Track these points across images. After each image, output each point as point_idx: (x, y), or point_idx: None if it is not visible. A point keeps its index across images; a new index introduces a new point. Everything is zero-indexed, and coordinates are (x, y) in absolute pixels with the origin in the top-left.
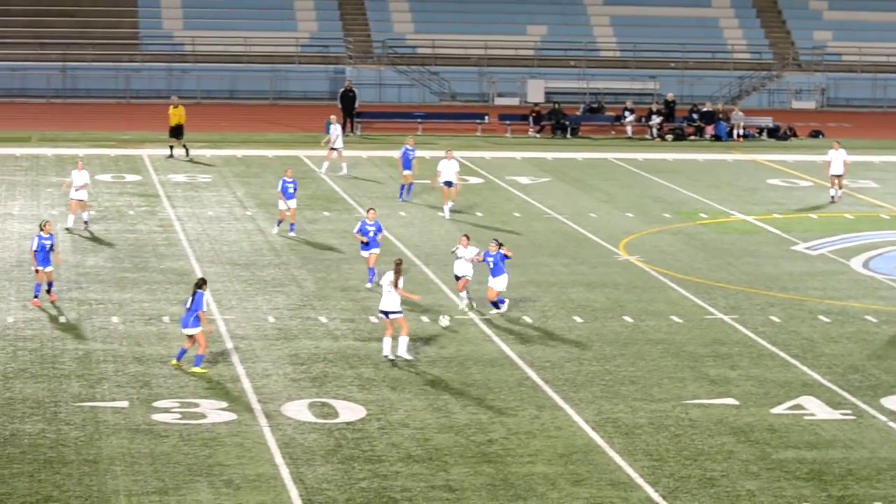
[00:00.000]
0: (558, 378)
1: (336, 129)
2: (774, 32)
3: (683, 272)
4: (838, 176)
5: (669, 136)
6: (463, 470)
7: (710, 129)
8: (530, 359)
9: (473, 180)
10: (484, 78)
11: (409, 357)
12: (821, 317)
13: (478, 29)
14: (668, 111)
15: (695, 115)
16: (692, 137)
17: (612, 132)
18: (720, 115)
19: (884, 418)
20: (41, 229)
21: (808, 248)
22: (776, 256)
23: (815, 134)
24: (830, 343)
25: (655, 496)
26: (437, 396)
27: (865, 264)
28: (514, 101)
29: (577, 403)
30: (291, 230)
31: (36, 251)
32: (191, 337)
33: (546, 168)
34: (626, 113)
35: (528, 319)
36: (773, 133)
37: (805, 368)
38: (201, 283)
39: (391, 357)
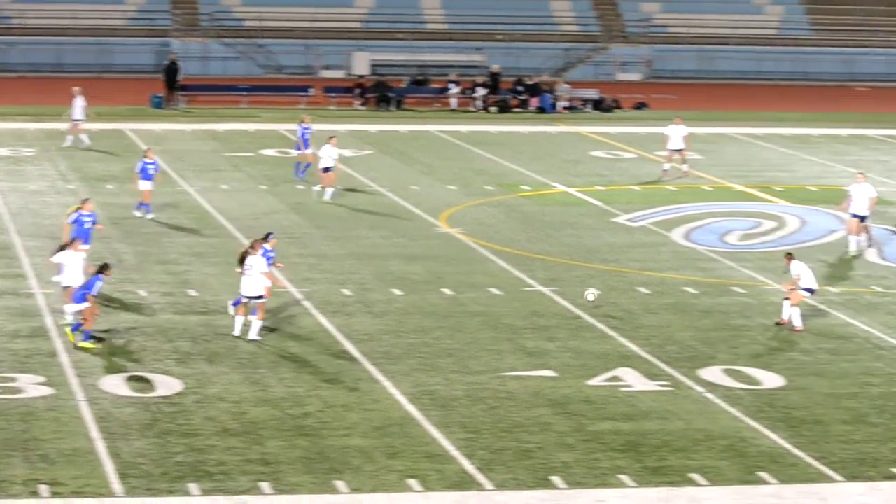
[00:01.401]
0: (375, 351)
1: (80, 102)
2: (601, 4)
3: (504, 244)
4: (678, 150)
5: (494, 109)
6: (279, 443)
7: (534, 102)
8: (348, 332)
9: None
10: (310, 51)
11: (258, 338)
12: (640, 288)
13: (305, 1)
14: (493, 83)
15: (520, 88)
16: (516, 110)
17: (437, 104)
18: (545, 88)
19: (700, 389)
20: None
21: (629, 220)
22: (597, 228)
23: (640, 106)
24: (649, 315)
25: (471, 468)
26: (253, 370)
27: (686, 236)
28: (340, 74)
29: (394, 376)
30: (148, 211)
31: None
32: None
33: (369, 140)
34: (451, 85)
35: (346, 292)
36: (598, 105)
37: (623, 340)
38: (103, 269)
39: (239, 335)
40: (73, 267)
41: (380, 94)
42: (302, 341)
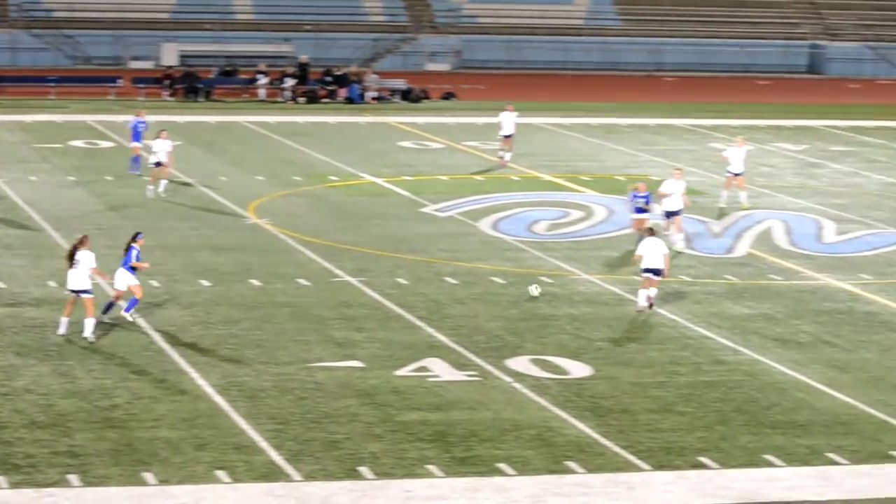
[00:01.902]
0: (184, 342)
1: None
2: None
3: (312, 235)
4: (509, 136)
5: (302, 99)
6: (87, 435)
7: (342, 92)
8: (156, 323)
9: (104, 144)
10: (119, 42)
11: (93, 339)
12: (448, 278)
13: None
14: (302, 74)
15: (328, 78)
16: (325, 100)
17: (246, 95)
18: (353, 78)
19: (508, 379)
20: None
21: (437, 210)
22: (405, 218)
23: (448, 96)
24: (457, 304)
25: (279, 460)
26: (61, 362)
27: (494, 226)
28: (149, 65)
29: (203, 367)
30: None
31: None
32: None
33: (178, 131)
34: (260, 76)
35: (154, 284)
36: (406, 95)
37: (431, 330)
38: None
39: (64, 334)
40: None
41: (188, 84)
42: (110, 333)
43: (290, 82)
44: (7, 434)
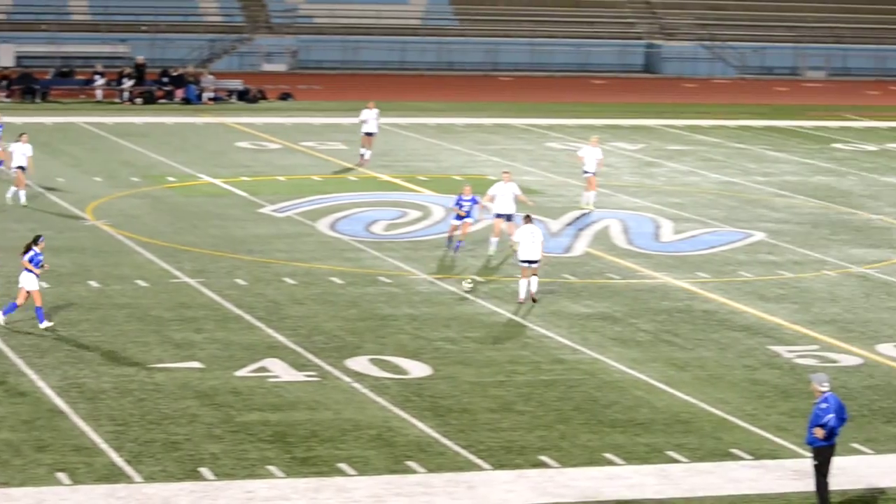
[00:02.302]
0: (22, 344)
1: None
2: None
3: (150, 236)
4: (370, 134)
5: (139, 100)
6: None
7: (180, 93)
8: None
9: None
10: None
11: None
12: (286, 279)
13: None
14: (139, 75)
15: (165, 79)
16: (162, 101)
17: (83, 96)
18: (190, 79)
19: (348, 379)
20: None
21: (275, 211)
22: (243, 219)
23: (285, 96)
24: (295, 305)
25: (119, 461)
26: None
27: (332, 226)
28: None
29: (42, 369)
30: None
31: None
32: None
33: (15, 132)
34: (97, 77)
35: None
36: (243, 96)
37: (270, 331)
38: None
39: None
40: None
41: (25, 86)
42: None
43: (127, 83)
44: None
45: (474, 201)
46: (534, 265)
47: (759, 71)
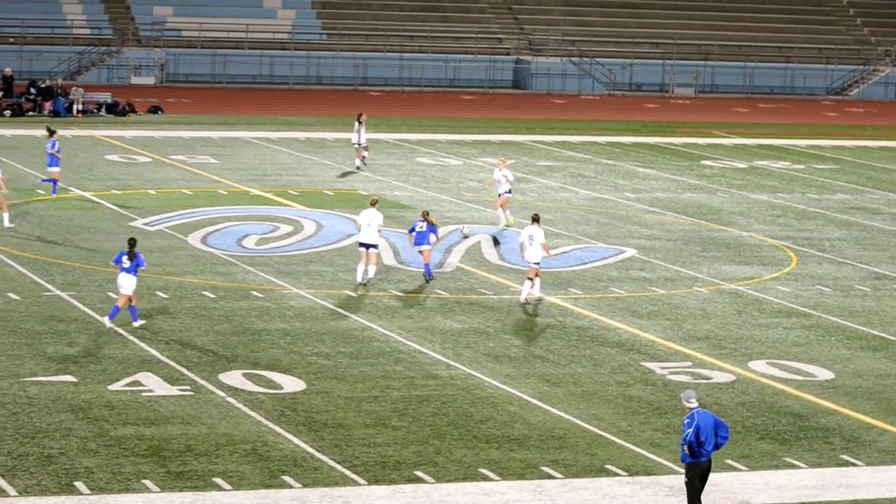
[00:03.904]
0: None
1: None
2: (114, 8)
3: (20, 249)
4: (362, 146)
5: (8, 112)
6: None
7: (48, 105)
8: None
9: None
10: None
11: None
12: (159, 293)
13: None
14: (7, 87)
15: (33, 91)
16: (30, 113)
17: None
18: (59, 91)
19: (222, 394)
20: None
21: (146, 224)
22: (114, 232)
23: (154, 110)
24: (169, 319)
25: None
26: None
27: (203, 240)
28: None
29: None
30: None
31: None
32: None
33: None
34: None
35: None
36: (112, 109)
37: (143, 345)
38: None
39: None
40: None
41: None
42: None
43: None
44: None
45: (432, 230)
46: (535, 266)
47: (628, 87)
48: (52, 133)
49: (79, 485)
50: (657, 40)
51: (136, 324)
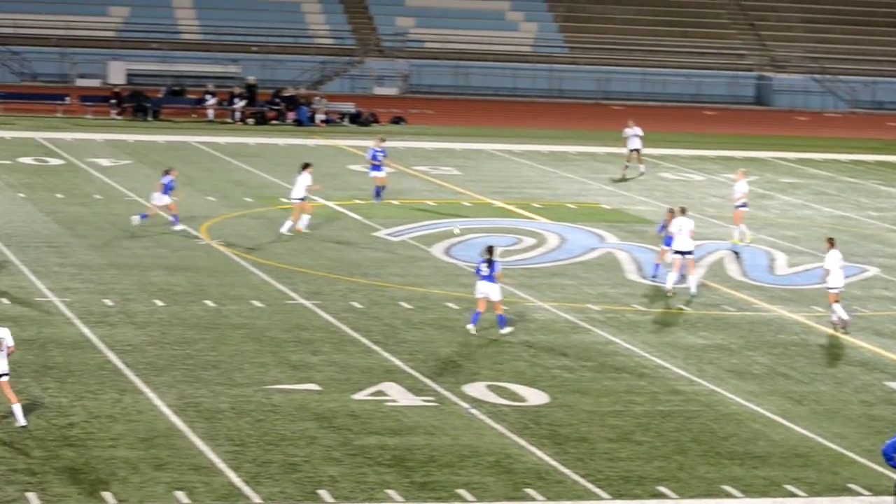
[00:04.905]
0: (139, 362)
1: None
2: (357, 18)
3: (265, 257)
4: (636, 150)
5: (251, 121)
6: (44, 454)
7: (291, 114)
8: (111, 342)
9: (53, 161)
10: (65, 59)
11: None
12: (402, 303)
13: (59, 9)
14: (250, 95)
15: (277, 100)
16: (274, 122)
17: (194, 115)
18: (302, 100)
19: (465, 405)
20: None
21: (389, 235)
22: (358, 242)
23: (397, 120)
24: (412, 329)
25: (237, 481)
26: (17, 379)
27: (447, 251)
28: (96, 83)
29: (159, 387)
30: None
31: None
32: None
33: (127, 150)
34: (208, 96)
35: (108, 302)
36: (355, 119)
37: (387, 355)
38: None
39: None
40: None
41: (136, 103)
42: (65, 351)
43: (239, 103)
44: None
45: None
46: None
47: (871, 105)
48: (382, 140)
49: (322, 493)
50: None
51: (503, 331)
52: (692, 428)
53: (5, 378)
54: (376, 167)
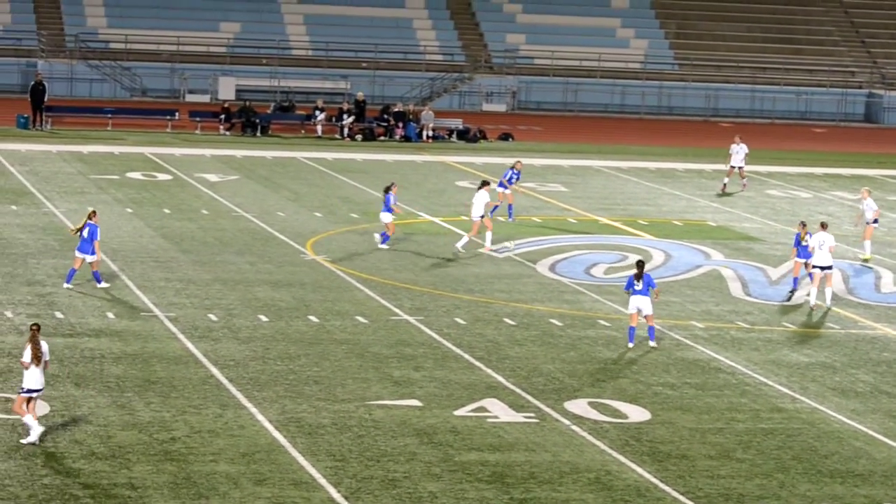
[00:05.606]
0: (242, 377)
1: None
2: (467, 34)
3: (369, 272)
4: (739, 167)
5: (359, 137)
6: (146, 468)
7: (399, 130)
8: (215, 357)
9: (161, 177)
10: (175, 74)
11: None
12: (506, 319)
13: (170, 25)
14: (359, 111)
15: (385, 116)
16: (382, 138)
17: (303, 131)
18: (410, 116)
19: (566, 422)
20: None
21: (495, 251)
22: (463, 258)
23: (505, 137)
24: (515, 346)
25: (338, 496)
26: (120, 394)
27: (552, 268)
28: (206, 99)
29: (261, 402)
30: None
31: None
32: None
33: (235, 166)
34: (317, 112)
35: (212, 318)
36: (463, 135)
37: (489, 371)
38: None
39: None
40: None
41: (245, 119)
42: (168, 366)
43: (347, 119)
44: (67, 465)
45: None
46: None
47: None
48: (515, 164)
49: None
50: None
51: (652, 343)
52: (793, 446)
53: (38, 393)
54: (502, 184)
